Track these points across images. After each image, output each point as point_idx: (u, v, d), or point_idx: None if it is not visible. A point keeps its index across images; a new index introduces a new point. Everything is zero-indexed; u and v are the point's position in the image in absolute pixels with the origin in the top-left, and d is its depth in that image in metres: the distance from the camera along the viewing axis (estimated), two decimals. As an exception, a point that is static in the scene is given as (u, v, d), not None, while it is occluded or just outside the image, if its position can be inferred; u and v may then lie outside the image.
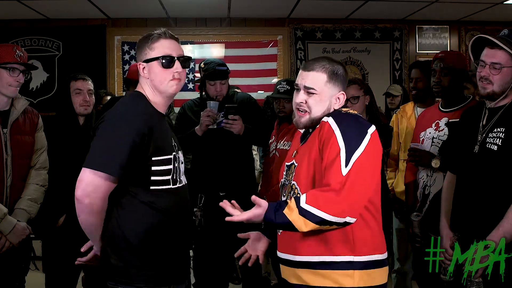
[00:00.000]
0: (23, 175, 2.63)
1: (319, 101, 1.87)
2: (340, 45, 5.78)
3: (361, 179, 1.68)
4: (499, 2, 4.95)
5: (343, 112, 1.85)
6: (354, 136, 1.73)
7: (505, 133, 2.11)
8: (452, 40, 5.83)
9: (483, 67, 2.17)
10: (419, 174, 2.91)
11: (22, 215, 2.55)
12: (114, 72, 5.59)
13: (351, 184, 1.66)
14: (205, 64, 3.41)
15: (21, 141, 2.61)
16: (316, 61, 1.92)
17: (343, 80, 1.92)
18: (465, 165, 2.27)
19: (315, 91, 1.87)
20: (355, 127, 1.77)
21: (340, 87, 1.91)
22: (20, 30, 5.46)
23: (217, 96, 3.33)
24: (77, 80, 2.99)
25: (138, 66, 1.91)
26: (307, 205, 1.65)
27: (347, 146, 1.70)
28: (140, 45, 1.92)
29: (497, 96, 2.17)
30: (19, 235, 2.51)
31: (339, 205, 1.64)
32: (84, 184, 1.71)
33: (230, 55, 5.52)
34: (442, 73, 2.81)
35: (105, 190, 1.74)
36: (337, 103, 1.91)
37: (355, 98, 3.03)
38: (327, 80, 1.87)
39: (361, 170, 1.69)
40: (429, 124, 2.89)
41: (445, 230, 2.33)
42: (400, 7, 5.23)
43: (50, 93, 5.51)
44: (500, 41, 2.12)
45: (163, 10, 5.24)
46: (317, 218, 1.64)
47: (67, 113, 2.99)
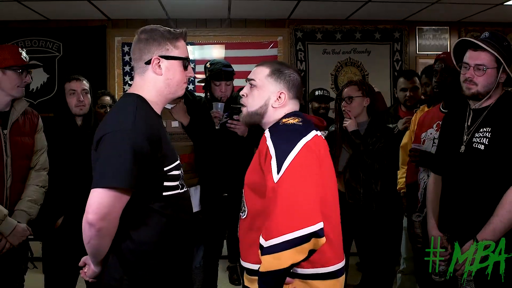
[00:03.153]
0: (23, 176, 2.63)
1: (257, 95, 1.86)
2: (340, 46, 5.77)
3: (297, 182, 1.61)
4: (499, 3, 4.95)
5: (280, 123, 1.80)
6: (284, 144, 1.68)
7: (491, 132, 2.13)
8: (453, 41, 5.82)
9: (466, 69, 2.20)
10: (420, 174, 2.92)
11: (22, 216, 2.55)
12: (114, 73, 5.58)
13: (285, 191, 1.60)
14: (211, 64, 3.43)
15: (20, 142, 2.61)
16: (269, 61, 1.95)
17: (290, 82, 1.87)
18: (451, 166, 2.28)
19: (255, 83, 1.87)
20: (286, 136, 1.72)
21: (283, 86, 1.86)
22: (20, 31, 5.46)
23: (221, 97, 3.34)
24: (71, 81, 3.01)
25: (152, 60, 1.76)
26: (267, 242, 1.59)
27: (277, 152, 1.66)
28: (156, 38, 1.77)
29: (482, 96, 2.20)
30: (20, 236, 2.51)
31: (285, 220, 1.57)
32: (96, 206, 1.55)
33: (230, 56, 5.51)
34: (443, 73, 2.82)
35: (121, 207, 1.61)
36: (277, 102, 1.86)
37: (349, 98, 3.12)
38: (268, 74, 1.86)
39: (295, 173, 1.62)
40: (430, 125, 2.90)
41: (434, 230, 2.33)
42: (400, 8, 5.23)
43: (50, 94, 5.50)
44: (482, 43, 2.14)
45: (163, 11, 5.24)
46: (281, 246, 1.56)
47: (64, 115, 2.99)
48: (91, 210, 1.55)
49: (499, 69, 2.14)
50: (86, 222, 1.57)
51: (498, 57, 2.12)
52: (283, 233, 1.57)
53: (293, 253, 1.57)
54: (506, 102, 2.19)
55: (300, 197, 1.60)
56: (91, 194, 1.57)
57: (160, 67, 1.77)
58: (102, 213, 1.56)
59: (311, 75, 5.76)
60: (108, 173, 1.56)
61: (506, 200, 2.04)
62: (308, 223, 1.57)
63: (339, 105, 3.18)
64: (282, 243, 1.57)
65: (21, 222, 2.52)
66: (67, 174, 2.87)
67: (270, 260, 1.58)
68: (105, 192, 1.56)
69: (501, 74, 2.16)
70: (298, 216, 1.58)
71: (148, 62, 1.77)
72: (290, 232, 1.56)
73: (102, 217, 1.56)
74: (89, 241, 1.62)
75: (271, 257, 1.58)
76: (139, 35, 1.80)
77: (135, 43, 1.81)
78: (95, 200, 1.56)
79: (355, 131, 3.05)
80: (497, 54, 2.12)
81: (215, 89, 3.37)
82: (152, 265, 1.72)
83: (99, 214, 1.55)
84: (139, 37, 1.80)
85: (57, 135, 2.93)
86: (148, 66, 1.77)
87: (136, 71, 1.80)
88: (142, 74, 1.79)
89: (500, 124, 2.12)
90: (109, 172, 1.56)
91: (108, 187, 1.56)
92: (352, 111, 3.12)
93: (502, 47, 2.16)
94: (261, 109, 1.86)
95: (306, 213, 1.59)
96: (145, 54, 1.77)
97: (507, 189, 2.05)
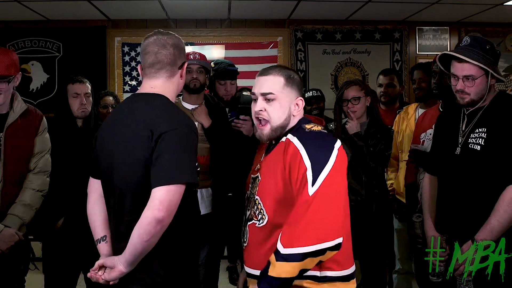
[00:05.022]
0: (17, 180, 2.58)
1: (279, 107, 1.80)
2: (340, 46, 5.77)
3: (330, 196, 1.62)
4: (499, 3, 4.95)
5: (306, 130, 1.78)
6: (320, 153, 1.67)
7: (487, 133, 2.14)
8: (452, 41, 5.82)
9: (456, 80, 2.19)
10: (419, 175, 2.92)
11: (14, 221, 2.51)
12: (114, 73, 5.59)
13: (318, 204, 1.60)
14: (215, 64, 3.47)
15: (17, 145, 2.55)
16: (270, 67, 1.88)
17: (300, 86, 1.87)
18: (447, 167, 2.28)
19: (273, 96, 1.80)
20: (321, 144, 1.71)
21: (297, 93, 1.85)
22: (20, 31, 5.46)
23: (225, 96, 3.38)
24: (75, 83, 2.96)
25: (184, 65, 1.89)
26: (285, 250, 1.60)
27: (313, 164, 1.65)
28: (182, 47, 1.89)
29: (476, 102, 2.21)
30: (7, 241, 2.47)
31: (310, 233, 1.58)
32: (168, 203, 1.59)
33: (230, 56, 5.51)
34: (442, 74, 2.82)
35: (180, 201, 1.65)
36: (296, 110, 1.83)
37: (355, 99, 3.01)
38: (284, 83, 1.81)
39: (330, 187, 1.63)
40: (430, 126, 2.90)
41: (432, 231, 2.33)
42: (400, 8, 5.23)
43: (50, 94, 5.50)
44: (464, 54, 2.14)
45: (163, 12, 5.24)
46: (299, 256, 1.58)
47: (65, 116, 2.98)
48: (163, 207, 1.58)
49: (487, 74, 2.14)
50: (154, 220, 1.58)
51: (482, 67, 2.12)
52: (305, 245, 1.58)
53: (306, 263, 1.60)
54: (500, 103, 2.20)
55: (330, 212, 1.61)
56: (160, 191, 1.59)
57: (183, 72, 1.90)
58: (170, 209, 1.60)
59: (311, 76, 5.77)
60: (178, 169, 1.61)
61: (503, 200, 2.05)
62: (330, 238, 1.60)
63: (339, 107, 3.11)
64: (301, 254, 1.59)
65: (11, 226, 2.49)
66: (67, 175, 2.87)
67: (285, 268, 1.59)
68: (175, 188, 1.60)
69: (491, 78, 2.16)
70: (323, 231, 1.60)
71: (180, 66, 1.87)
72: (312, 245, 1.58)
73: (170, 213, 1.60)
74: (149, 239, 1.61)
75: (287, 265, 1.59)
76: (167, 39, 1.84)
77: (163, 47, 1.83)
78: (165, 197, 1.58)
79: (357, 133, 3.02)
80: (480, 64, 2.12)
81: (219, 88, 3.41)
82: (186, 258, 1.79)
83: (169, 211, 1.60)
84: (168, 41, 1.84)
85: (58, 136, 2.91)
86: (179, 70, 1.87)
87: (163, 74, 1.84)
88: (171, 77, 1.86)
89: (495, 124, 2.13)
90: (179, 168, 1.61)
91: (179, 183, 1.60)
92: (358, 112, 3.03)
93: (485, 51, 2.15)
94: (286, 121, 1.82)
95: (331, 228, 1.61)
96: (179, 60, 1.86)
97: (504, 189, 2.05)
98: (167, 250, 1.73)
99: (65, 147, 2.88)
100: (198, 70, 3.06)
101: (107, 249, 1.83)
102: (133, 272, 1.71)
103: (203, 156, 3.07)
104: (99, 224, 1.88)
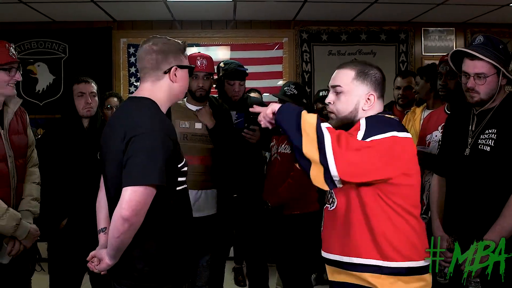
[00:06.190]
0: (22, 176, 2.59)
1: (345, 101, 1.83)
2: (346, 47, 5.76)
3: (372, 153, 1.63)
4: (505, 4, 4.93)
5: (379, 114, 1.83)
6: (376, 128, 1.71)
7: (497, 134, 2.13)
8: (458, 42, 5.81)
9: (467, 78, 2.18)
10: (425, 177, 2.90)
11: (29, 217, 2.53)
12: (120, 74, 5.60)
13: (364, 150, 1.62)
14: (225, 64, 3.50)
15: (17, 141, 2.55)
16: (350, 61, 1.91)
17: (376, 82, 1.86)
18: (456, 168, 2.27)
19: (341, 89, 1.83)
20: (381, 123, 1.74)
21: (370, 87, 1.84)
22: (26, 32, 5.48)
23: (234, 96, 3.40)
24: (80, 83, 2.97)
25: (172, 70, 1.89)
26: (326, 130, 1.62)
27: (367, 130, 1.70)
28: (173, 49, 1.91)
29: (486, 102, 2.20)
30: (33, 238, 2.51)
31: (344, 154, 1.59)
32: (133, 203, 1.65)
33: (235, 57, 5.50)
34: (448, 76, 2.81)
35: (150, 203, 1.71)
36: (366, 104, 1.84)
37: None
38: (354, 77, 1.83)
39: (373, 148, 1.64)
40: (435, 127, 2.89)
41: (440, 232, 2.32)
42: (405, 9, 5.22)
43: (57, 95, 5.52)
44: (477, 51, 2.13)
45: (169, 13, 5.25)
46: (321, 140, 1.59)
47: (71, 116, 2.99)
48: (128, 207, 1.65)
49: (499, 74, 2.14)
50: (120, 218, 1.66)
51: (495, 64, 2.11)
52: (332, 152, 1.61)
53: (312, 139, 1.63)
54: (510, 104, 2.18)
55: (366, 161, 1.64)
56: (126, 191, 1.67)
57: (175, 75, 1.90)
58: (137, 209, 1.66)
59: (316, 77, 5.76)
60: (144, 171, 1.67)
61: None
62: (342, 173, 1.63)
63: None
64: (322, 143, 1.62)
65: (30, 222, 2.51)
66: (72, 175, 2.87)
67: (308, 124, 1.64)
68: (142, 190, 1.66)
69: (502, 78, 2.15)
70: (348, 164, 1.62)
71: (166, 71, 1.89)
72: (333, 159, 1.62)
73: (137, 213, 1.67)
74: (119, 236, 1.70)
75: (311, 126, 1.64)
76: (151, 45, 1.89)
77: (148, 53, 1.89)
78: (131, 197, 1.66)
79: None
80: (493, 61, 2.11)
81: (228, 88, 3.43)
82: (169, 255, 1.84)
83: (135, 211, 1.66)
84: (152, 47, 1.89)
85: (64, 136, 2.92)
86: (165, 74, 1.89)
87: (148, 78, 1.90)
88: (157, 81, 1.90)
89: (506, 125, 2.12)
90: (145, 170, 1.67)
91: (146, 185, 1.67)
92: None
93: (498, 51, 2.14)
94: (351, 114, 1.84)
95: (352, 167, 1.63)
96: (163, 64, 1.89)
97: None
98: (150, 250, 1.81)
99: (70, 148, 2.89)
100: (205, 77, 3.07)
101: (105, 240, 1.91)
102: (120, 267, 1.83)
103: (205, 156, 3.09)
104: (102, 217, 2.00)
